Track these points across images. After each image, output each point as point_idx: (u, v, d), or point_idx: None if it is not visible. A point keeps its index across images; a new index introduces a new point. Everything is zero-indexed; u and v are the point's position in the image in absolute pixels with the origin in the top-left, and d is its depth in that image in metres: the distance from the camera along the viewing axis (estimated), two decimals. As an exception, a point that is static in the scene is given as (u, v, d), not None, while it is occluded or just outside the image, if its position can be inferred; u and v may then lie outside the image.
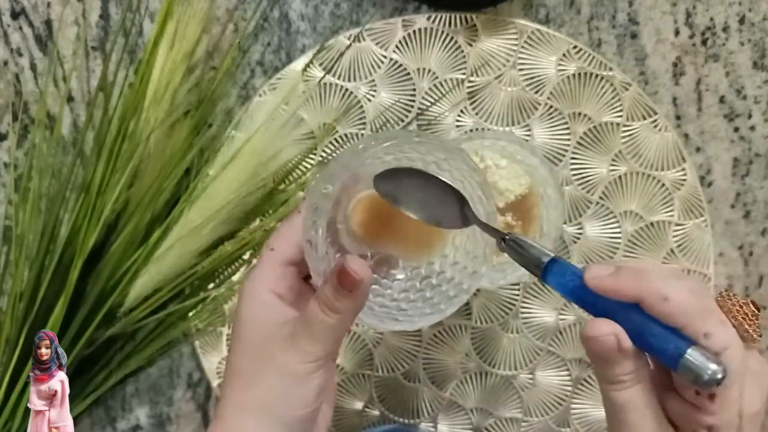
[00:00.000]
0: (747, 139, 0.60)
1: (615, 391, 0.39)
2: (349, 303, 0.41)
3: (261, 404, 0.42)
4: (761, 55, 0.59)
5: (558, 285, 0.40)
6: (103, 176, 0.57)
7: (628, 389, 0.38)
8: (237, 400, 0.42)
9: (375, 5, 0.59)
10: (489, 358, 0.61)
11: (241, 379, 0.42)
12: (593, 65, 0.58)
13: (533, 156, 0.55)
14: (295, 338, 0.41)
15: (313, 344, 0.41)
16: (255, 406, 0.42)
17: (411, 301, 0.45)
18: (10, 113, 0.60)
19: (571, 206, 0.60)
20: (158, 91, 0.56)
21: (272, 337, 0.42)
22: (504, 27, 0.58)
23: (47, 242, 0.58)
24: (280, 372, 0.41)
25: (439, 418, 0.62)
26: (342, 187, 0.44)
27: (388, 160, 0.44)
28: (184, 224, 0.57)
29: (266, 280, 0.43)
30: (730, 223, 0.60)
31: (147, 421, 0.62)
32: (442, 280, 0.45)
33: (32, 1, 0.59)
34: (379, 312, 0.44)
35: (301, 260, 0.44)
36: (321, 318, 0.41)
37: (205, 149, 0.59)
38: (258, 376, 0.42)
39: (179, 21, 0.57)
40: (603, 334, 0.38)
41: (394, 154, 0.44)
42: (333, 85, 0.59)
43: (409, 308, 0.44)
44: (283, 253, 0.44)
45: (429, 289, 0.45)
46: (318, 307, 0.41)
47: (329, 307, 0.41)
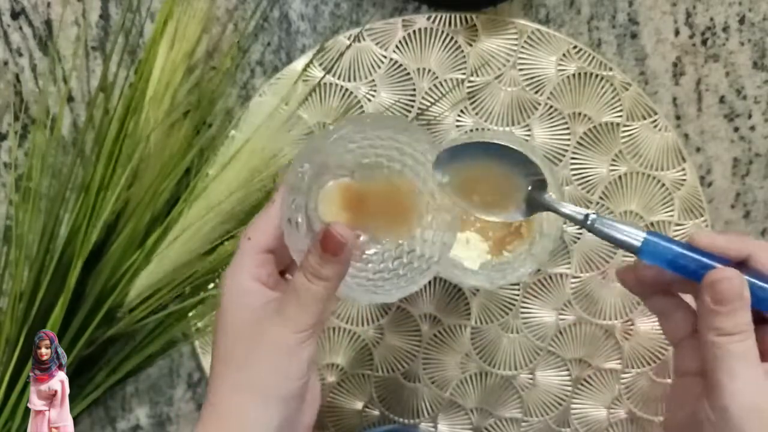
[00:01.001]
0: (747, 139, 0.60)
1: (731, 343, 0.39)
2: (335, 268, 0.42)
3: (256, 382, 0.42)
4: (761, 55, 0.59)
5: (655, 259, 0.41)
6: (103, 176, 0.57)
7: (746, 341, 0.40)
8: (231, 383, 0.43)
9: (375, 5, 0.59)
10: (489, 358, 0.61)
11: (231, 361, 0.43)
12: (593, 65, 0.58)
13: (533, 156, 0.55)
14: (283, 311, 0.42)
15: (303, 314, 0.42)
16: (250, 385, 0.42)
17: (386, 279, 0.46)
18: (10, 113, 0.60)
19: (571, 206, 0.60)
20: (158, 91, 0.56)
21: (260, 317, 0.43)
22: (504, 27, 0.58)
23: (47, 242, 0.58)
24: (273, 346, 0.42)
25: (439, 418, 0.62)
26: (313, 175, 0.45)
27: (351, 147, 0.46)
28: (184, 224, 0.57)
29: (247, 268, 0.44)
30: (730, 223, 0.60)
31: (147, 421, 0.62)
32: (413, 257, 0.47)
33: (32, 1, 0.59)
34: (357, 289, 0.46)
35: (278, 248, 0.45)
36: (308, 287, 0.42)
37: (204, 149, 0.59)
38: (251, 355, 0.42)
39: (179, 21, 0.57)
40: (732, 277, 0.39)
41: (358, 142, 0.46)
42: (333, 85, 0.59)
43: (385, 284, 0.46)
44: (261, 242, 0.45)
45: (402, 268, 0.47)
46: (304, 277, 0.42)
47: (315, 275, 0.42)
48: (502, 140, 0.44)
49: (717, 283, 0.39)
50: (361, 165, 0.46)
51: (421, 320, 0.61)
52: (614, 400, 0.61)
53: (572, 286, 0.60)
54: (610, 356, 0.61)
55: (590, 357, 0.61)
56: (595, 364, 0.61)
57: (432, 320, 0.61)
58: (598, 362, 0.61)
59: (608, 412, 0.61)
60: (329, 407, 0.62)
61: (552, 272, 0.60)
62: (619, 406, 0.61)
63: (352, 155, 0.46)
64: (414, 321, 0.61)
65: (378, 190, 0.46)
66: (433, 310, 0.60)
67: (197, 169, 0.58)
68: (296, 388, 0.43)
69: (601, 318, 0.60)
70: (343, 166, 0.46)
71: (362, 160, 0.46)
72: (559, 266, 0.60)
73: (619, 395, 0.61)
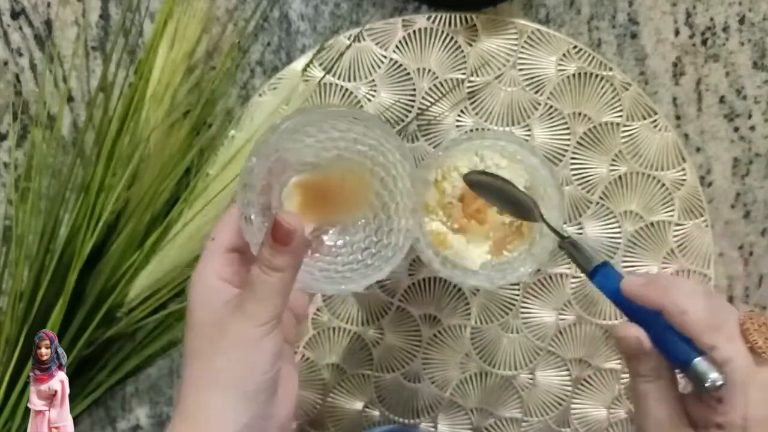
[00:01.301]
0: (747, 139, 0.60)
1: (640, 383, 0.46)
2: (287, 258, 0.42)
3: (222, 378, 0.43)
4: (761, 55, 0.59)
5: (602, 286, 0.47)
6: (103, 176, 0.57)
7: (651, 383, 0.45)
8: (195, 379, 0.43)
9: (375, 5, 0.59)
10: (489, 358, 0.61)
11: (198, 359, 0.44)
12: (593, 65, 0.58)
13: (533, 156, 0.55)
14: (241, 305, 0.43)
15: (260, 306, 0.42)
16: (215, 380, 0.43)
17: (354, 270, 0.48)
18: (10, 113, 0.60)
19: (571, 206, 0.60)
20: (158, 91, 0.56)
21: (223, 314, 0.43)
22: (504, 27, 0.58)
23: (47, 242, 0.58)
24: (234, 341, 0.43)
25: (439, 418, 0.62)
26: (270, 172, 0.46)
27: (309, 142, 0.47)
28: (184, 224, 0.57)
29: (212, 268, 0.45)
30: (730, 223, 0.60)
31: (147, 421, 0.62)
32: (381, 246, 0.48)
33: (32, 1, 0.59)
34: (324, 281, 0.47)
35: (243, 246, 0.45)
36: (263, 278, 0.42)
37: (204, 149, 0.59)
38: (214, 351, 0.43)
39: (179, 21, 0.57)
40: (629, 335, 0.45)
41: (315, 136, 0.47)
42: (333, 85, 0.59)
43: (353, 275, 0.47)
44: (224, 241, 0.45)
45: (370, 258, 0.48)
46: (258, 269, 0.42)
47: (269, 266, 0.42)
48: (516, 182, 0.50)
49: (622, 338, 0.46)
50: (322, 159, 0.47)
51: (421, 320, 0.61)
52: (614, 400, 0.61)
53: (572, 286, 0.60)
54: (610, 356, 0.61)
55: (590, 357, 0.61)
56: (595, 364, 0.61)
57: (432, 320, 0.61)
58: (598, 362, 0.61)
59: (608, 412, 0.61)
60: (329, 407, 0.62)
61: (552, 272, 0.60)
62: (619, 406, 0.61)
63: (311, 150, 0.47)
64: (414, 321, 0.61)
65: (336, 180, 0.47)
66: (433, 310, 0.60)
67: (197, 169, 0.58)
68: (262, 382, 0.43)
69: (601, 318, 0.60)
70: (304, 161, 0.47)
71: (323, 153, 0.47)
72: (559, 266, 0.60)
73: (619, 395, 0.61)
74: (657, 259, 0.60)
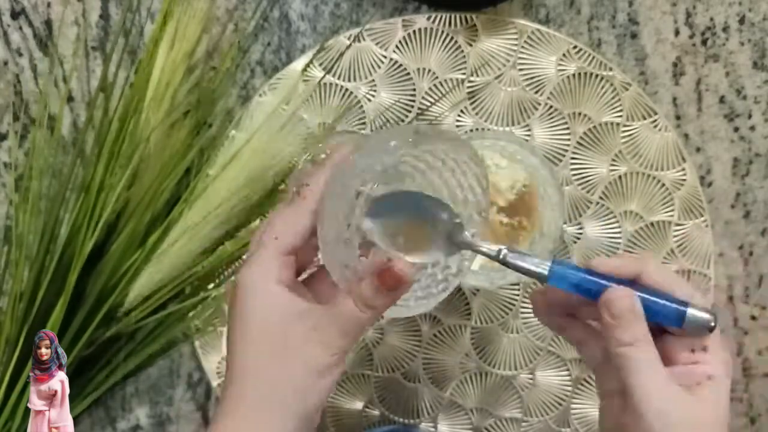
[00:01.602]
0: (747, 139, 0.60)
1: (631, 352, 0.42)
2: (388, 301, 0.41)
3: (278, 400, 0.40)
4: (761, 55, 0.59)
5: (562, 284, 0.44)
6: (103, 176, 0.57)
7: (645, 349, 0.42)
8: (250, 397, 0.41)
9: (375, 5, 0.59)
10: (489, 358, 0.61)
11: (253, 374, 0.41)
12: (593, 65, 0.58)
13: (533, 156, 0.55)
14: (321, 331, 0.41)
15: (343, 338, 0.41)
16: (271, 401, 0.41)
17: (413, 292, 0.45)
18: (10, 113, 0.60)
19: (571, 206, 0.60)
20: (158, 91, 0.56)
21: (290, 330, 0.41)
22: (504, 27, 0.58)
23: (47, 242, 0.58)
24: (304, 365, 0.41)
25: (439, 418, 0.62)
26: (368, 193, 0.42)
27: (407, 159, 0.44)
28: (184, 224, 0.57)
29: (271, 271, 0.42)
30: (730, 223, 0.60)
31: (147, 421, 0.62)
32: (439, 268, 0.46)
33: (32, 1, 0.59)
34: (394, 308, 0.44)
35: (301, 249, 0.43)
36: (356, 314, 0.41)
37: (205, 149, 0.59)
38: (277, 371, 0.41)
39: (179, 21, 0.57)
40: (622, 296, 0.42)
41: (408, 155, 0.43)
42: (333, 85, 0.59)
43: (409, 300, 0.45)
44: (288, 243, 0.42)
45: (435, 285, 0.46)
46: (353, 304, 0.41)
47: (366, 304, 0.41)
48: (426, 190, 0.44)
49: (610, 301, 0.42)
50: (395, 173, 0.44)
51: (421, 320, 0.61)
52: (614, 400, 0.61)
53: (572, 286, 0.60)
54: (610, 356, 0.61)
55: (590, 357, 0.61)
56: (595, 364, 0.61)
57: (432, 320, 0.61)
58: (598, 362, 0.61)
59: (608, 412, 0.61)
60: (329, 407, 0.62)
61: (552, 272, 0.60)
62: (619, 406, 0.61)
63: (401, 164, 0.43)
64: (414, 321, 0.61)
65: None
66: (433, 310, 0.60)
67: (197, 169, 0.58)
68: (318, 406, 0.41)
69: (601, 318, 0.60)
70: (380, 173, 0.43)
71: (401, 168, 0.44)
72: (559, 266, 0.60)
73: (619, 395, 0.61)
74: (657, 259, 0.60)
